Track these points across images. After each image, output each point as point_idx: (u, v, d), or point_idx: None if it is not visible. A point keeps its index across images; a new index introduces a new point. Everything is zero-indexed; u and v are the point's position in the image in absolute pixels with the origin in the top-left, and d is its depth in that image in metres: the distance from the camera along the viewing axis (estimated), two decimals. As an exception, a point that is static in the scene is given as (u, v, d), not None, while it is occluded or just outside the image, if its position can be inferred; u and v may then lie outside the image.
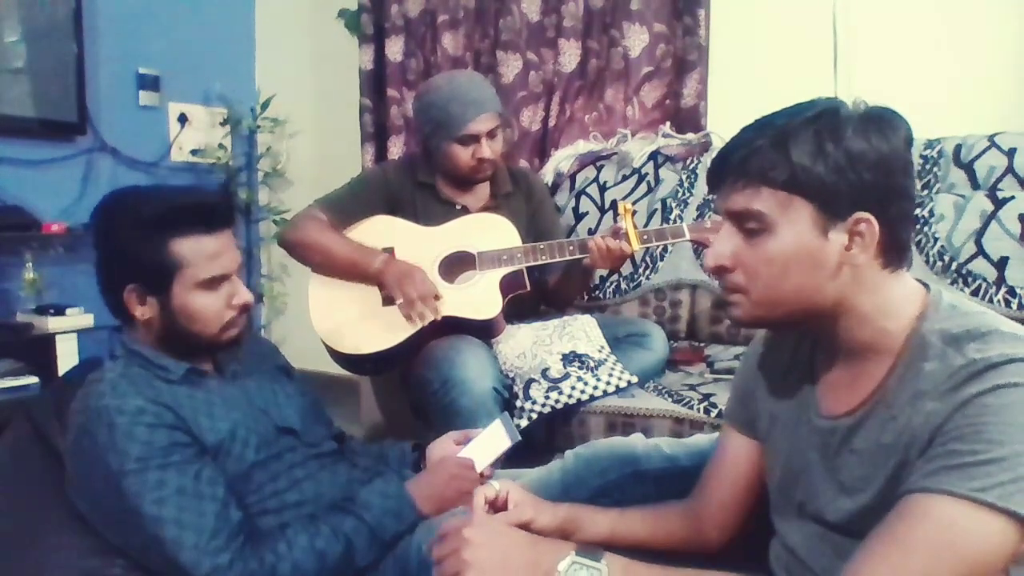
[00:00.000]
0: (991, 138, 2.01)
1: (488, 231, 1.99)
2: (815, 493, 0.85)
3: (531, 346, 1.91)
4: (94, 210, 1.16)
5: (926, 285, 0.83)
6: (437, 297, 1.87)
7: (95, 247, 1.15)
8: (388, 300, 1.93)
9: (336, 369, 2.04)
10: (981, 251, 1.91)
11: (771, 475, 0.94)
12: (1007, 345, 0.71)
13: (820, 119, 0.76)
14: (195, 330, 1.14)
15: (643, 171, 2.43)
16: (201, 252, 1.12)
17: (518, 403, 1.79)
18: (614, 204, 2.40)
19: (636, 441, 1.23)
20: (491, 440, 1.27)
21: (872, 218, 0.76)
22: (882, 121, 0.77)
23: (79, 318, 2.58)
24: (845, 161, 0.75)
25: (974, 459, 0.67)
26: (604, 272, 2.32)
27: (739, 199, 0.80)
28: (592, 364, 1.86)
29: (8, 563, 1.12)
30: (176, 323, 1.13)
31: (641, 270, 2.35)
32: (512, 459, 1.36)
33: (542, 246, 1.94)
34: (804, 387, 0.90)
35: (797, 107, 0.80)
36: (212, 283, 1.13)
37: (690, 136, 2.44)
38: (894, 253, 0.79)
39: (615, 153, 2.51)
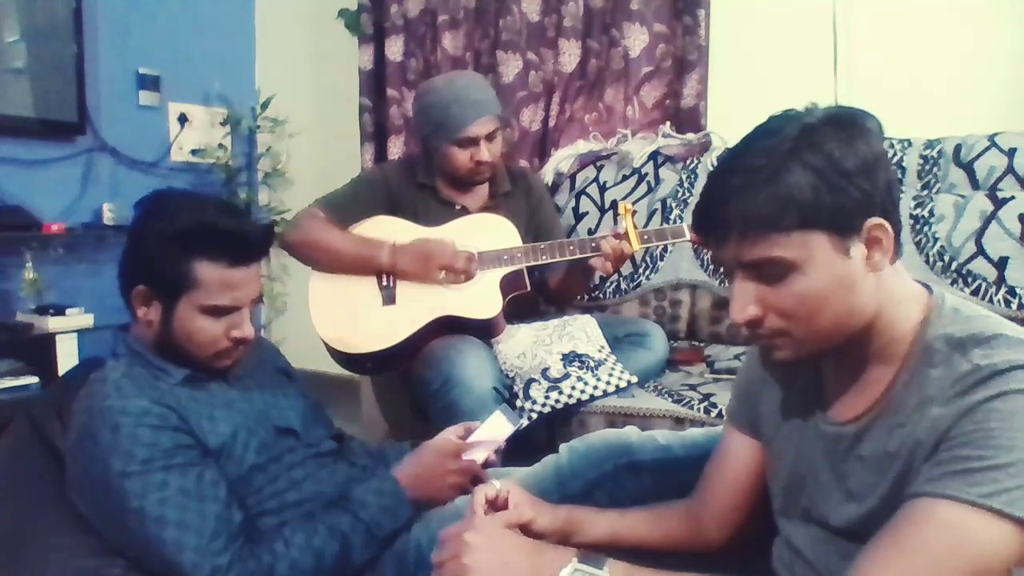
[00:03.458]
0: (991, 138, 2.01)
1: (488, 231, 1.99)
2: (822, 499, 0.85)
3: (531, 346, 1.91)
4: (139, 201, 1.16)
5: (928, 287, 0.82)
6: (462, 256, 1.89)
7: (127, 236, 1.16)
8: (388, 299, 1.93)
9: (336, 369, 2.04)
10: (981, 251, 1.91)
11: (775, 477, 0.94)
12: (1013, 351, 0.71)
13: (800, 145, 0.74)
14: (187, 348, 1.13)
15: (643, 171, 2.43)
16: (218, 280, 1.10)
17: (518, 403, 1.79)
18: (614, 204, 2.40)
19: (630, 432, 1.22)
20: (493, 429, 1.26)
21: (883, 221, 0.76)
22: (856, 124, 0.76)
23: (79, 318, 2.58)
24: (843, 180, 0.73)
25: (980, 464, 0.67)
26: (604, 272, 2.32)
27: (752, 251, 0.76)
28: (592, 364, 1.86)
29: (8, 563, 1.12)
30: (172, 335, 1.13)
31: (641, 270, 2.35)
32: (512, 459, 1.36)
33: (542, 246, 1.94)
34: (810, 392, 0.89)
35: (766, 135, 0.76)
36: (218, 311, 1.12)
37: (690, 136, 2.44)
38: (896, 245, 0.78)
39: (615, 153, 2.50)
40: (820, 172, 0.73)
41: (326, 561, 1.08)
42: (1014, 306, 1.85)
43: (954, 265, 1.93)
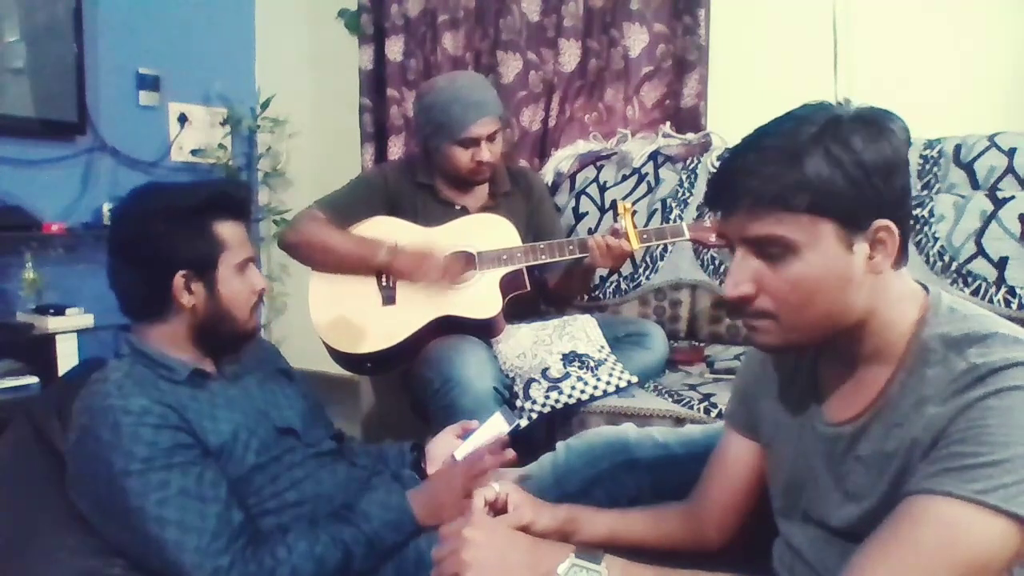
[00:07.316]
0: (991, 138, 2.01)
1: (488, 231, 1.99)
2: (820, 500, 0.85)
3: (531, 346, 1.91)
4: (119, 211, 1.18)
5: (924, 287, 0.83)
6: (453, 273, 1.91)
7: (124, 248, 1.15)
8: (388, 300, 1.93)
9: (336, 369, 2.04)
10: (981, 251, 1.91)
11: (774, 479, 0.94)
12: (1008, 349, 0.71)
13: (825, 133, 0.74)
14: (233, 314, 1.18)
15: (643, 171, 2.43)
16: (238, 235, 1.19)
17: (518, 403, 1.79)
18: (614, 204, 2.40)
19: (628, 430, 1.22)
20: (490, 430, 1.28)
21: (891, 224, 0.76)
22: (883, 124, 0.77)
23: (79, 318, 2.58)
24: (861, 173, 0.74)
25: (976, 461, 0.67)
26: (604, 272, 2.32)
27: (758, 226, 0.76)
28: (592, 364, 1.86)
29: (8, 563, 1.12)
30: (219, 307, 1.16)
31: (641, 270, 2.35)
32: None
33: (542, 246, 1.94)
34: (808, 393, 0.90)
35: (793, 120, 0.77)
36: (242, 267, 1.19)
37: (690, 136, 2.43)
38: (903, 252, 0.79)
39: (615, 153, 2.50)
40: (840, 162, 0.74)
41: (327, 569, 1.08)
42: (1014, 306, 1.85)
43: (954, 265, 1.93)
